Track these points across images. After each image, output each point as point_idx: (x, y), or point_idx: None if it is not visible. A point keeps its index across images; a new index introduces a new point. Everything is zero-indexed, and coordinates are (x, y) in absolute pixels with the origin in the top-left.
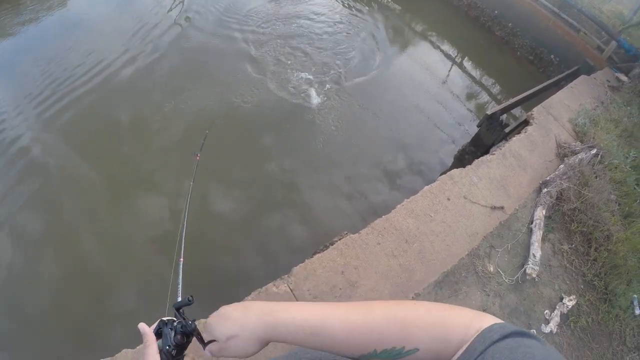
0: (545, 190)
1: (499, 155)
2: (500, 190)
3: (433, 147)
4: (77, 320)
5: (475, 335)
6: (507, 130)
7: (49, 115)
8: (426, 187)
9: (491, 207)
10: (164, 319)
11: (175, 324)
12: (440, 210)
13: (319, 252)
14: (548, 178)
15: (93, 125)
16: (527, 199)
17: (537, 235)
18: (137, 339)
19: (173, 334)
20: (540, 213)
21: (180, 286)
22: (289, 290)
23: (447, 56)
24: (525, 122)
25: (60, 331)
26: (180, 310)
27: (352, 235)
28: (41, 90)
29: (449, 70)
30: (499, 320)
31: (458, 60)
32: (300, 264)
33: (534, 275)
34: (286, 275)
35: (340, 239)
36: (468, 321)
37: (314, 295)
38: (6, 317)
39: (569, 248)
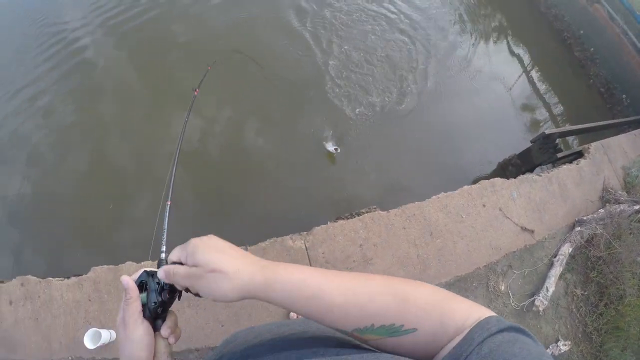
0: (578, 228)
1: (545, 179)
2: (536, 213)
3: (478, 147)
4: (89, 215)
5: (472, 325)
6: (559, 155)
7: (111, 24)
8: (465, 187)
9: (522, 228)
10: (147, 269)
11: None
12: (472, 214)
13: (343, 219)
14: (585, 218)
15: (149, 38)
16: (559, 231)
17: (557, 270)
18: (141, 251)
19: (159, 289)
20: (566, 249)
21: (165, 232)
22: (304, 247)
23: (519, 59)
24: (579, 154)
25: (70, 221)
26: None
27: (380, 211)
28: (107, 1)
29: (518, 76)
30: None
31: (528, 67)
32: (322, 225)
33: (540, 309)
34: (305, 233)
35: (367, 212)
36: (468, 310)
37: (327, 260)
38: (24, 194)
39: (581, 294)
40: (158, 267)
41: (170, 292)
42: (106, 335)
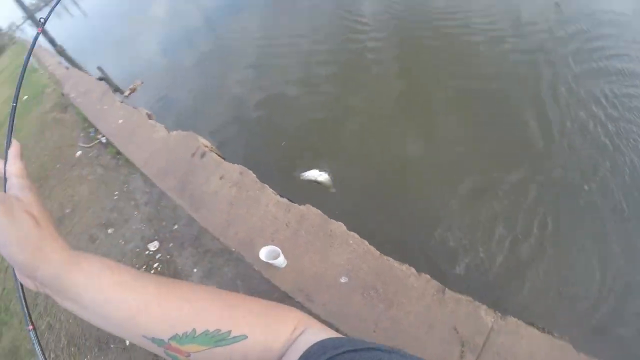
0: None
1: None
2: None
3: None
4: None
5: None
6: None
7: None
8: None
9: None
10: None
11: None
12: None
13: (535, 327)
14: None
15: (432, 47)
16: None
17: None
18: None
19: None
20: None
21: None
22: (489, 326)
23: None
24: None
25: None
26: None
27: (574, 349)
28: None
29: None
30: (323, 334)
31: None
32: (519, 320)
33: None
34: (500, 315)
35: (560, 339)
36: (298, 317)
37: (499, 353)
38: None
39: None
40: None
41: None
42: (281, 260)
